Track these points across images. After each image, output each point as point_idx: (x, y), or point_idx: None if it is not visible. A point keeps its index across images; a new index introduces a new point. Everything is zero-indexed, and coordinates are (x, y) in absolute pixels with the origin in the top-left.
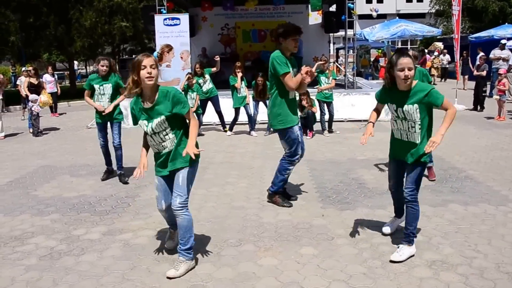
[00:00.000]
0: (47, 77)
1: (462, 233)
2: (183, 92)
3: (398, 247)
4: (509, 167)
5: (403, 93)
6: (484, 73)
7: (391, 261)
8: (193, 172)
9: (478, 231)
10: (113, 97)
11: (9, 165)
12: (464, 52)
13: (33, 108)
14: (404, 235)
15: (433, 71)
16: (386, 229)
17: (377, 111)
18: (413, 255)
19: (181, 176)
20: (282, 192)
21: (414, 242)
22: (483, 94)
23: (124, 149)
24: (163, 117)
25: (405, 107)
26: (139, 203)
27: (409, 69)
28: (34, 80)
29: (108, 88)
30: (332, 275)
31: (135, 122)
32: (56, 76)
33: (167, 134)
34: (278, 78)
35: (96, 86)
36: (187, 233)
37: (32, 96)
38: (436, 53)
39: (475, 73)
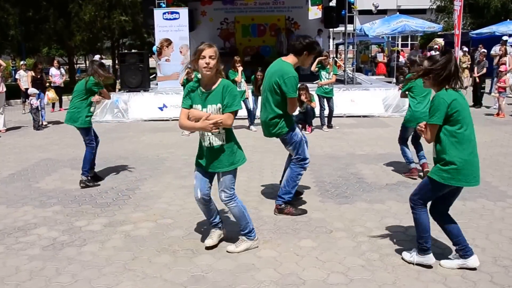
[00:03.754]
0: (53, 71)
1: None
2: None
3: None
4: (508, 163)
5: None
6: (484, 70)
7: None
8: (235, 173)
9: (476, 226)
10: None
11: (11, 158)
12: (471, 48)
13: (32, 102)
14: None
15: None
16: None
17: None
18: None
19: (223, 177)
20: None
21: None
22: (481, 90)
23: (125, 143)
24: (219, 105)
25: None
26: (139, 195)
27: None
28: (36, 74)
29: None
30: (330, 267)
31: (187, 104)
32: (62, 70)
33: (218, 128)
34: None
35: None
36: (242, 220)
37: (31, 90)
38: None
39: (475, 71)
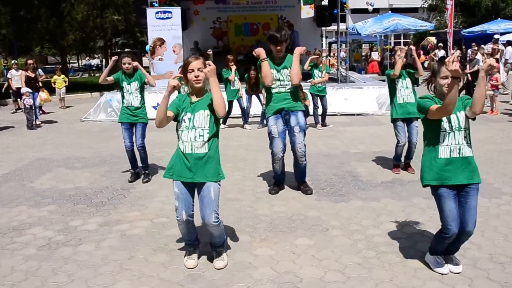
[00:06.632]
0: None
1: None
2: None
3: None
4: (503, 160)
5: None
6: (476, 68)
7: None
8: (220, 187)
9: None
10: (141, 93)
11: (4, 157)
12: (463, 47)
13: (25, 102)
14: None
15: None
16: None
17: None
18: None
19: (213, 191)
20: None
21: None
22: (474, 88)
23: (120, 142)
24: (207, 111)
25: (458, 113)
26: (135, 194)
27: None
28: (30, 74)
29: (135, 85)
30: (327, 265)
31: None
32: (39, 70)
33: (203, 135)
34: None
35: (124, 84)
36: (222, 237)
37: (24, 89)
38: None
39: (468, 70)
